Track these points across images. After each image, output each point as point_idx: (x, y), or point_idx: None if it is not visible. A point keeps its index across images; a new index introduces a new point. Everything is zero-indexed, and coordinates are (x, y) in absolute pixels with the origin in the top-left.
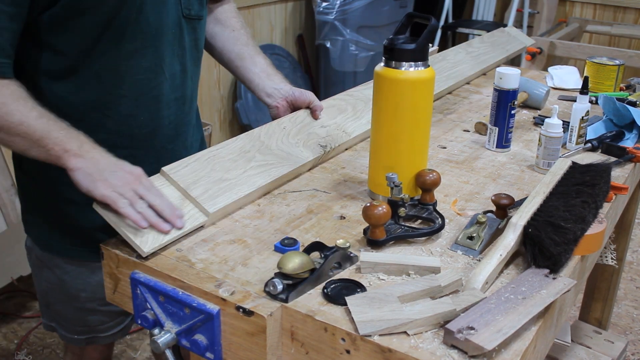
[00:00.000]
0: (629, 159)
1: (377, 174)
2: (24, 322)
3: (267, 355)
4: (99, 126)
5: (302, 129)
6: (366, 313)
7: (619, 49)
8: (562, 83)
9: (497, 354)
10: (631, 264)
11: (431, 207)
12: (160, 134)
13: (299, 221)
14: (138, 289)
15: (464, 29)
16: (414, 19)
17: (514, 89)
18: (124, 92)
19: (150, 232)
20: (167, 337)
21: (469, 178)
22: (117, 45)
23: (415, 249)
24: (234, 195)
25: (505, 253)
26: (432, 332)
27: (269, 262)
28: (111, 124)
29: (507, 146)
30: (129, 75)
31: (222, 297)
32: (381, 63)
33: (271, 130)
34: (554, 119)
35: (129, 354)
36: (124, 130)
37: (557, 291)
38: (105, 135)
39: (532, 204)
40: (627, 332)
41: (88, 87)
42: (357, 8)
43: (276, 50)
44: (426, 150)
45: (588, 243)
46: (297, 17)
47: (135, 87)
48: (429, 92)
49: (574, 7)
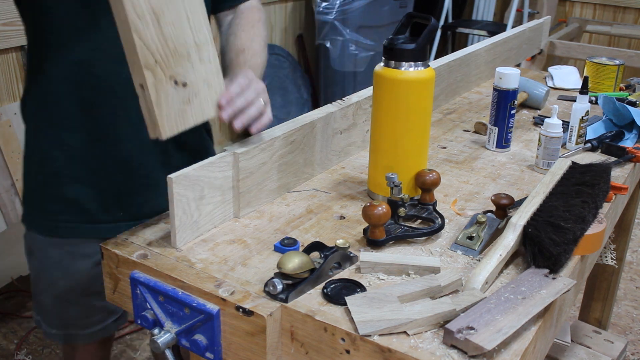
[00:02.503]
0: (629, 159)
1: (377, 174)
2: (24, 322)
3: (267, 355)
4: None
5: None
6: (366, 313)
7: (618, 49)
8: (562, 83)
9: (497, 354)
10: (631, 264)
11: (431, 207)
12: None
13: (299, 221)
14: (138, 289)
15: (464, 29)
16: (413, 19)
17: (514, 89)
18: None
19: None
20: (167, 337)
21: (469, 178)
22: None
23: (415, 249)
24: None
25: (505, 253)
26: (432, 332)
27: (269, 262)
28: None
29: (507, 146)
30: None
31: (221, 297)
32: (381, 63)
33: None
34: (554, 119)
35: (129, 354)
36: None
37: (556, 291)
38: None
39: (531, 204)
40: (627, 332)
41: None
42: (357, 8)
43: (276, 50)
44: (426, 150)
45: (588, 243)
46: (297, 17)
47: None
48: (429, 92)
49: (574, 7)
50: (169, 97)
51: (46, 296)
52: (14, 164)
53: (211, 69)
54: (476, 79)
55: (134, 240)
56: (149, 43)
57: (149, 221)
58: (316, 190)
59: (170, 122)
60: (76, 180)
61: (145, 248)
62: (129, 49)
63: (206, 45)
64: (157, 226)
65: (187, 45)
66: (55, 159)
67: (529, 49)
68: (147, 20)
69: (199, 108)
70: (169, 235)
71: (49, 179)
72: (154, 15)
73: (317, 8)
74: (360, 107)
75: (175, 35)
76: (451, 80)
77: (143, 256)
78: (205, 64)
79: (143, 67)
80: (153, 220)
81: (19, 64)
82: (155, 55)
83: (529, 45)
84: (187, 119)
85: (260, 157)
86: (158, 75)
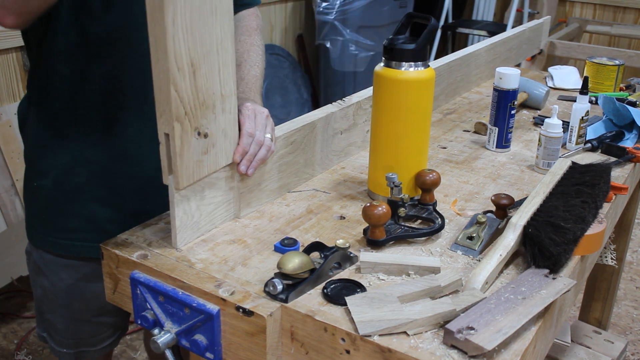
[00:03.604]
0: (629, 159)
1: (377, 174)
2: (24, 322)
3: (267, 355)
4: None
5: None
6: (366, 313)
7: (618, 49)
8: (562, 83)
9: (497, 354)
10: (631, 264)
11: (431, 207)
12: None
13: (299, 221)
14: (138, 289)
15: (464, 29)
16: (413, 19)
17: (514, 89)
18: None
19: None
20: (167, 337)
21: (469, 178)
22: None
23: (415, 249)
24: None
25: (505, 253)
26: (432, 332)
27: (269, 262)
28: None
29: (507, 146)
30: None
31: (222, 297)
32: (381, 63)
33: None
34: (554, 119)
35: (129, 354)
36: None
37: (557, 291)
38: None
39: (532, 204)
40: (627, 332)
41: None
42: (357, 8)
43: (276, 50)
44: (426, 150)
45: (588, 243)
46: (297, 17)
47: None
48: (429, 92)
49: (574, 7)
50: (190, 148)
51: (56, 316)
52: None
53: (230, 119)
54: (476, 79)
55: (134, 240)
56: (182, 95)
57: (149, 221)
58: (316, 191)
59: (188, 172)
60: (97, 199)
61: (146, 248)
62: (162, 97)
63: (230, 97)
64: (157, 226)
65: (214, 97)
66: (77, 175)
67: (529, 49)
68: (185, 72)
69: (214, 158)
70: (169, 235)
71: (69, 196)
72: (192, 68)
73: (317, 8)
74: (361, 107)
75: (206, 87)
76: (451, 80)
77: (143, 256)
78: (226, 114)
79: (174, 119)
80: (153, 220)
81: (19, 64)
82: (186, 107)
83: (529, 45)
84: (202, 169)
85: None
86: (185, 126)
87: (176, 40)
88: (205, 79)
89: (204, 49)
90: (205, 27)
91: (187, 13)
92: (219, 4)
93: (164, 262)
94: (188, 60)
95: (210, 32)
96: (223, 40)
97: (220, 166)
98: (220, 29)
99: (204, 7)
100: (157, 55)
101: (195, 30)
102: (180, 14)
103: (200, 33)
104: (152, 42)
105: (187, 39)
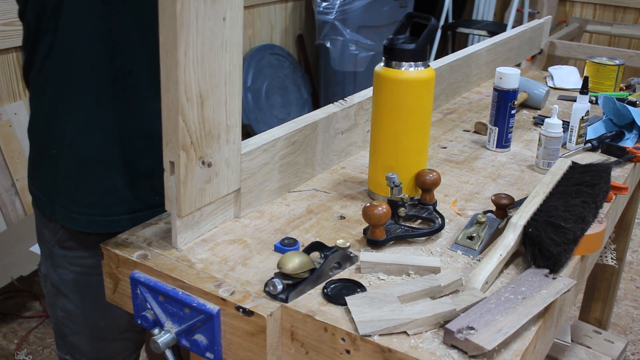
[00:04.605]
0: (629, 159)
1: (377, 174)
2: (24, 322)
3: (267, 355)
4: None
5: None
6: (366, 313)
7: (619, 49)
8: (562, 83)
9: (497, 354)
10: (631, 264)
11: (431, 207)
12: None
13: (299, 221)
14: (138, 289)
15: (464, 29)
16: (414, 19)
17: (514, 89)
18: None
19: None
20: (167, 337)
21: (469, 178)
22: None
23: (415, 249)
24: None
25: (505, 253)
26: (432, 332)
27: (269, 262)
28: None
29: (507, 146)
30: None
31: (222, 297)
32: (381, 63)
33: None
34: (554, 119)
35: None
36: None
37: (557, 291)
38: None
39: (532, 204)
40: (627, 332)
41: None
42: (357, 8)
43: (276, 50)
44: (426, 150)
45: (588, 243)
46: (297, 17)
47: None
48: (429, 92)
49: (574, 7)
50: (194, 177)
51: (81, 338)
52: (14, 164)
53: (233, 149)
54: (476, 79)
55: (134, 240)
56: (189, 125)
57: (149, 221)
58: (316, 190)
59: (190, 200)
60: (113, 165)
61: (146, 248)
62: (169, 127)
63: (235, 127)
64: (157, 226)
65: (220, 127)
66: (92, 141)
67: (529, 49)
68: (194, 103)
69: (216, 187)
70: (170, 235)
71: (87, 164)
72: (200, 99)
73: (317, 8)
74: (362, 108)
75: (213, 118)
76: (451, 80)
77: (143, 256)
78: (230, 144)
79: (180, 148)
80: (153, 220)
81: (19, 64)
82: (192, 136)
83: (529, 45)
84: (204, 197)
85: (262, 157)
86: (190, 155)
87: (187, 71)
88: (213, 110)
89: (213, 81)
90: (215, 59)
91: (198, 46)
92: (229, 38)
93: (164, 262)
94: (197, 91)
95: (219, 65)
96: (231, 73)
97: (221, 195)
98: (230, 62)
99: (215, 41)
100: (168, 85)
101: (205, 63)
102: (192, 47)
103: (210, 65)
104: (163, 72)
105: (197, 71)
